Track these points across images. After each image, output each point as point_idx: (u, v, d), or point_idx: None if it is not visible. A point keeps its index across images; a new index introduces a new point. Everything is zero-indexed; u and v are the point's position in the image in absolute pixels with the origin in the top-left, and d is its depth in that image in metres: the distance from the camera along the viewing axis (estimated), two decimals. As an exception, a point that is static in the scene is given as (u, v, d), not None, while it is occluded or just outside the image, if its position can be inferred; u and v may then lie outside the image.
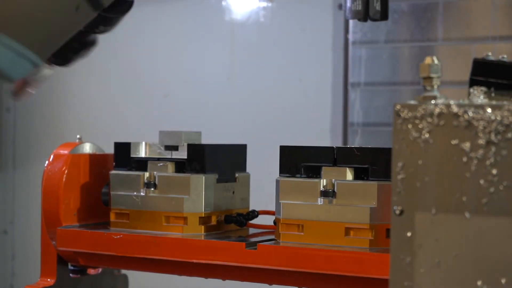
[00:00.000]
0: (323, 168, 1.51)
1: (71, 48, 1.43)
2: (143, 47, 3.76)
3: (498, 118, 1.04)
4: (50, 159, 1.75)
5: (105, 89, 3.87)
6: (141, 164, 1.69)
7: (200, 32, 3.66)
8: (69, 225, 1.72)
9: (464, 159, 1.05)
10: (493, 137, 1.04)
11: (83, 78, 3.88)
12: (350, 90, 3.33)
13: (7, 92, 4.21)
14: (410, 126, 1.08)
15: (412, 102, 1.08)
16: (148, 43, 3.76)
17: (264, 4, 3.56)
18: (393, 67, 3.28)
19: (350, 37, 3.32)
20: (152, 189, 1.65)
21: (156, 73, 3.77)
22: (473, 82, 1.17)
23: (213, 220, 1.64)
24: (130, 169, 1.69)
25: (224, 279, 1.60)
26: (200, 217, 1.62)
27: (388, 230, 1.45)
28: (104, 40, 4.18)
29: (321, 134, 3.38)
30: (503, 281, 1.03)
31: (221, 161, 1.67)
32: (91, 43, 1.47)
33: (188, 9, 3.68)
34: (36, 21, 1.25)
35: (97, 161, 1.78)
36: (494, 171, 1.03)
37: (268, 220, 1.69)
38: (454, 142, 1.05)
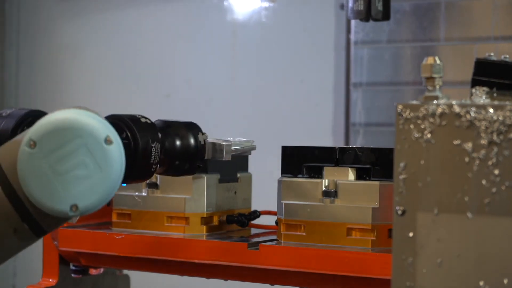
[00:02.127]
0: (325, 168, 1.51)
1: None
2: (145, 47, 3.76)
3: (500, 118, 1.04)
4: (52, 159, 1.75)
5: (107, 89, 3.87)
6: (143, 164, 1.69)
7: (202, 32, 3.66)
8: (71, 225, 1.72)
9: (466, 159, 1.05)
10: (495, 137, 1.04)
11: (85, 79, 3.88)
12: (352, 90, 3.33)
13: (9, 94, 4.18)
14: (412, 126, 1.08)
15: (414, 102, 1.08)
16: (150, 43, 3.76)
17: (266, 4, 3.56)
18: (395, 67, 3.28)
19: (352, 37, 3.32)
20: (154, 189, 1.65)
21: (158, 73, 3.77)
22: (475, 82, 1.17)
23: (215, 220, 1.64)
24: (132, 169, 1.69)
25: (226, 280, 1.60)
26: (202, 217, 1.62)
27: (390, 230, 1.45)
28: (106, 40, 4.20)
29: (323, 134, 3.38)
30: (505, 281, 1.03)
31: (223, 161, 1.67)
32: None
33: (190, 9, 3.67)
34: None
35: (99, 161, 1.78)
36: (496, 171, 1.03)
37: (270, 220, 1.69)
38: (456, 142, 1.05)
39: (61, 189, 1.14)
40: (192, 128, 1.42)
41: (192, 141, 1.39)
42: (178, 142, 1.38)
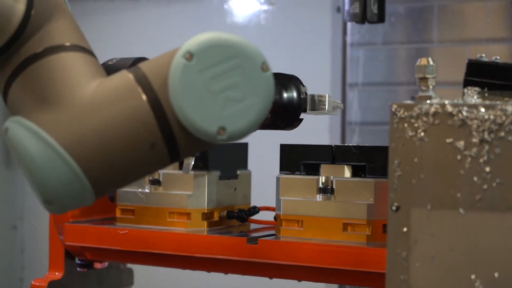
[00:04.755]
0: (322, 165, 1.51)
1: None
2: (147, 49, 3.76)
3: (492, 117, 1.04)
4: (58, 157, 1.75)
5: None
6: (146, 161, 1.68)
7: (203, 34, 3.66)
8: (76, 221, 1.72)
9: (459, 157, 1.05)
10: (486, 135, 1.04)
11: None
12: (348, 90, 3.33)
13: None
14: (406, 125, 1.08)
15: (408, 102, 1.08)
16: (152, 45, 3.76)
17: (265, 7, 3.56)
18: (390, 68, 3.28)
19: (348, 39, 3.32)
20: (157, 186, 1.65)
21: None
22: (467, 83, 1.17)
23: (216, 216, 1.64)
24: (135, 167, 1.69)
25: (226, 273, 1.60)
26: (203, 213, 1.62)
27: (384, 226, 1.45)
28: (108, 40, 4.18)
29: (320, 133, 3.38)
30: (496, 275, 1.03)
31: (224, 159, 1.67)
32: None
33: (191, 11, 3.67)
34: (105, 151, 1.05)
35: (103, 158, 1.78)
36: (488, 169, 1.03)
37: (268, 216, 1.69)
38: (448, 140, 1.05)
39: (212, 108, 1.05)
40: (294, 79, 1.35)
41: (295, 92, 1.33)
42: (283, 92, 1.31)
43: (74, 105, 1.07)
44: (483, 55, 1.21)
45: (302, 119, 1.36)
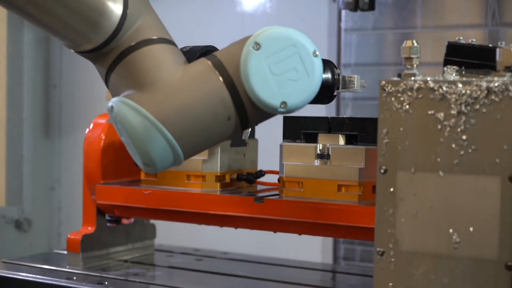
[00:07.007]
0: (320, 134, 1.51)
1: None
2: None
3: (468, 92, 1.04)
4: (90, 127, 1.75)
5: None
6: (167, 131, 1.68)
7: (213, 22, 3.64)
8: (106, 182, 1.72)
9: (439, 126, 1.05)
10: (463, 108, 1.04)
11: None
12: (342, 70, 3.32)
13: (54, 72, 4.15)
14: (393, 98, 1.07)
15: (395, 78, 1.08)
16: (171, 30, 3.75)
17: (270, -3, 3.54)
18: (379, 50, 3.26)
19: (343, 25, 3.30)
20: (176, 152, 1.65)
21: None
22: (447, 62, 1.17)
23: (227, 178, 1.65)
24: (157, 136, 1.69)
25: (236, 228, 1.61)
26: (216, 176, 1.62)
27: (374, 187, 1.45)
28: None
29: (318, 106, 3.37)
30: (471, 229, 1.03)
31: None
32: None
33: (203, 1, 3.66)
34: (192, 123, 1.15)
35: (129, 129, 1.78)
36: (464, 137, 1.03)
37: (273, 178, 1.69)
38: (430, 112, 1.05)
39: (275, 87, 1.15)
40: (329, 63, 1.42)
41: (330, 73, 1.39)
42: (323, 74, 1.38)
43: (166, 87, 1.15)
44: (461, 38, 1.20)
45: (335, 96, 1.43)
